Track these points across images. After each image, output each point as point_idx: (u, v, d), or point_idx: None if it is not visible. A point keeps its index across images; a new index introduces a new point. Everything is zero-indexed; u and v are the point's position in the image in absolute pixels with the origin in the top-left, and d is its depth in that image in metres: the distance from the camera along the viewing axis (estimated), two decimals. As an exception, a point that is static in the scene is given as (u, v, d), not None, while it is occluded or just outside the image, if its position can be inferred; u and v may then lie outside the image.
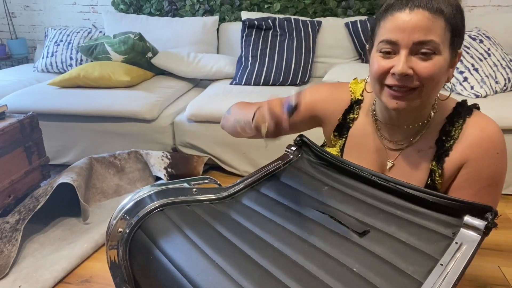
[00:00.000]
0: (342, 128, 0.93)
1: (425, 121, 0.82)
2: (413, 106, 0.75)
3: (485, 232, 0.58)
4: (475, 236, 0.58)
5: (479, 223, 0.59)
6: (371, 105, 0.89)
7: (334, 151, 0.95)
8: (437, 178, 0.81)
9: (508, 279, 1.37)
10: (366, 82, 0.92)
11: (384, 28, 0.73)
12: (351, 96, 0.91)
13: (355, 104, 0.91)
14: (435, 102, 0.82)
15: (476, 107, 0.82)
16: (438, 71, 0.71)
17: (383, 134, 0.88)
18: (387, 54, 0.73)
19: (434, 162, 0.81)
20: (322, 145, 1.09)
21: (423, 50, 0.70)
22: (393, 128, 0.85)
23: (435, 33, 0.69)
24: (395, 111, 0.78)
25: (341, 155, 0.93)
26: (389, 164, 0.87)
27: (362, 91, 0.91)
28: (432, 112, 0.82)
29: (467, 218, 0.60)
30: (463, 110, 0.80)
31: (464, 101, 0.82)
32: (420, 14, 0.68)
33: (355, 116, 0.91)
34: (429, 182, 0.82)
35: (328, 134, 0.97)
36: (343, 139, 0.93)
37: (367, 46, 0.83)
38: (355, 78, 0.95)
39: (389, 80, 0.74)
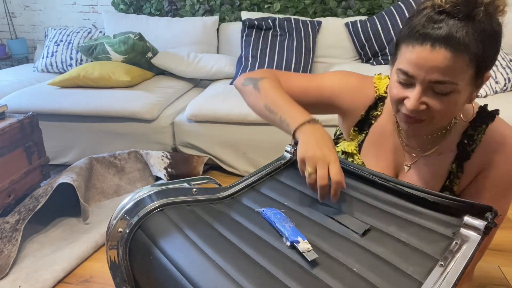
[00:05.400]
0: (364, 124, 0.90)
1: (444, 130, 0.81)
2: (425, 132, 0.75)
3: (485, 232, 0.58)
4: (475, 236, 0.58)
5: (479, 223, 0.59)
6: None
7: (352, 145, 0.92)
8: (456, 181, 0.81)
9: (508, 279, 1.37)
10: (390, 78, 0.90)
11: (404, 55, 0.69)
12: (376, 92, 0.88)
13: (379, 100, 0.88)
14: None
15: (497, 113, 0.81)
16: (452, 108, 0.70)
17: (403, 136, 0.86)
18: (404, 83, 0.71)
19: (454, 165, 0.81)
20: (337, 138, 1.07)
21: (439, 88, 0.67)
22: (413, 135, 0.84)
23: (454, 73, 0.65)
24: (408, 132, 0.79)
25: (359, 151, 0.92)
26: (406, 167, 0.86)
27: (387, 88, 0.88)
28: (453, 121, 0.81)
29: (467, 218, 0.60)
30: (486, 116, 0.79)
31: (486, 106, 0.82)
32: (441, 54, 0.64)
33: (379, 113, 0.89)
34: (447, 183, 0.82)
35: (347, 128, 0.94)
36: (363, 135, 0.91)
37: (392, 56, 0.78)
38: (379, 73, 0.92)
39: (403, 109, 0.73)
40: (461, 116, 0.80)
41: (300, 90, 0.91)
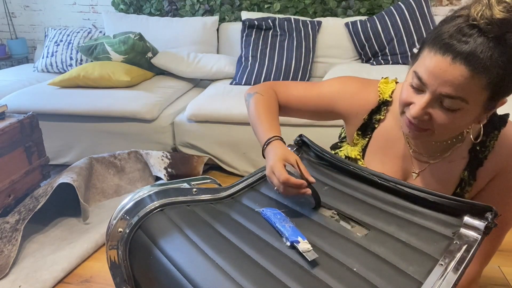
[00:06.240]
0: (367, 128, 0.89)
1: (455, 139, 0.79)
2: (427, 140, 0.74)
3: (485, 232, 0.58)
4: (475, 236, 0.58)
5: (479, 223, 0.59)
6: None
7: (355, 150, 0.91)
8: (467, 188, 0.80)
9: (508, 279, 1.37)
10: (397, 83, 0.87)
11: (424, 60, 0.67)
12: (379, 96, 0.86)
13: (382, 105, 0.86)
14: None
15: (508, 116, 0.79)
16: (455, 125, 0.68)
17: (411, 142, 0.84)
18: (415, 88, 0.69)
19: (466, 172, 0.79)
20: (341, 141, 1.06)
21: (448, 103, 0.65)
22: (422, 141, 0.82)
23: (468, 92, 0.63)
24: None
25: (363, 156, 0.90)
26: (414, 174, 0.84)
27: (392, 92, 0.86)
28: (465, 130, 0.78)
29: (467, 218, 0.60)
30: (497, 120, 0.77)
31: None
32: (459, 70, 0.61)
33: (382, 118, 0.86)
34: (457, 190, 0.81)
35: (351, 132, 0.92)
36: (367, 139, 0.89)
37: (414, 53, 0.76)
38: (386, 77, 0.89)
39: (407, 113, 0.72)
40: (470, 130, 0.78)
41: (299, 100, 0.92)
